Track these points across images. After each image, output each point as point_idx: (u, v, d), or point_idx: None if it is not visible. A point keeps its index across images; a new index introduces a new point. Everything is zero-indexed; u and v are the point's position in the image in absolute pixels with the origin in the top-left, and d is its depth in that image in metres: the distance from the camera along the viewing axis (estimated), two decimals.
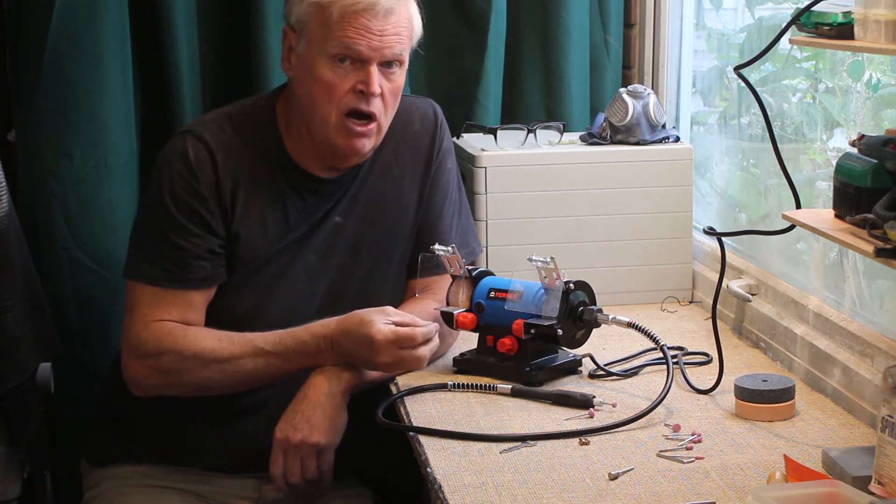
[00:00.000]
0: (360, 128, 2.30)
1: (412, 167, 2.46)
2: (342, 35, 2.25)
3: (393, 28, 2.27)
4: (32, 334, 2.42)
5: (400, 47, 2.29)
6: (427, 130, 2.48)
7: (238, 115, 2.38)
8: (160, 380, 2.30)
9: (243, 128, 2.36)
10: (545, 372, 2.35)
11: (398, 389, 2.32)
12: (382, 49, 2.26)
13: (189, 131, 2.35)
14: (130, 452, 2.42)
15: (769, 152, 2.22)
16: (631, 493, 1.88)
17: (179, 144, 2.33)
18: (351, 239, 2.41)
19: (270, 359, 2.28)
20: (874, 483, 1.78)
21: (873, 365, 2.14)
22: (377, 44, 2.25)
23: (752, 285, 2.60)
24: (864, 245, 1.74)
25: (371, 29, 2.25)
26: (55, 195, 2.80)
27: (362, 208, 2.42)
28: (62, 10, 2.73)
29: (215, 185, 2.32)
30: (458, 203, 2.55)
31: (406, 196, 2.46)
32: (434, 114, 2.51)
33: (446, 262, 2.41)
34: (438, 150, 2.49)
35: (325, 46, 2.26)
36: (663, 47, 3.09)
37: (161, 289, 2.30)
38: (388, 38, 2.26)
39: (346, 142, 2.31)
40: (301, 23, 2.29)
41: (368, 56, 2.26)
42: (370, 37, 2.25)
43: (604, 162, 2.80)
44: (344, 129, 2.29)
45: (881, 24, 1.72)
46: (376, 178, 2.43)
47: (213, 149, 2.32)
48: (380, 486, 2.54)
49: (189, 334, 2.29)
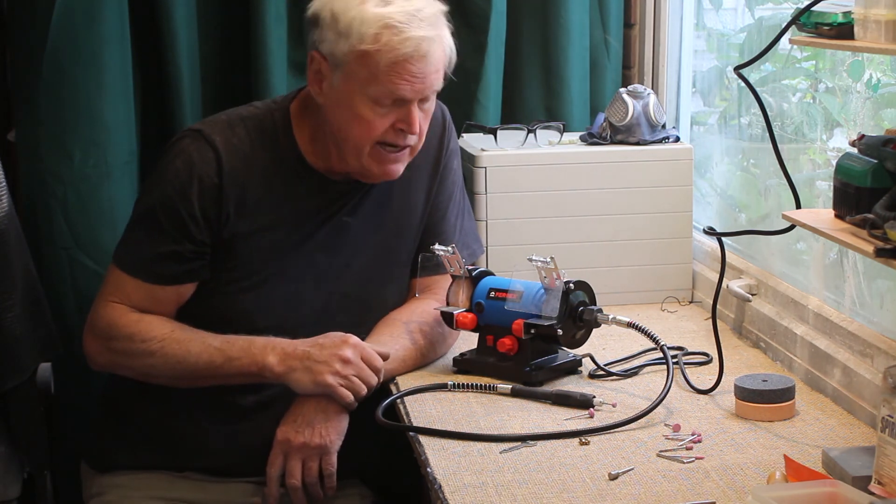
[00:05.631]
0: (394, 154, 2.31)
1: (421, 169, 2.47)
2: (387, 82, 2.23)
3: (433, 67, 2.26)
4: (32, 334, 2.42)
5: (438, 83, 2.30)
6: (435, 131, 2.48)
7: (251, 117, 2.38)
8: (110, 359, 2.35)
9: (256, 130, 2.36)
10: (545, 372, 2.35)
11: (398, 389, 2.32)
12: (425, 90, 2.27)
13: (199, 131, 2.35)
14: (132, 458, 2.41)
15: (769, 152, 2.21)
16: (631, 493, 1.88)
17: (186, 144, 2.33)
18: (358, 238, 2.41)
19: (213, 354, 2.28)
20: (874, 483, 1.78)
21: (873, 365, 2.14)
22: (420, 86, 2.25)
23: (752, 285, 2.60)
24: (864, 245, 1.74)
25: (414, 73, 2.24)
26: (55, 195, 2.80)
27: (371, 208, 2.42)
28: (62, 10, 2.73)
29: (215, 188, 2.31)
30: (462, 204, 2.55)
31: (414, 196, 2.47)
32: (442, 115, 2.51)
33: (446, 262, 2.41)
34: (446, 151, 2.50)
35: (368, 89, 2.24)
36: (663, 47, 3.09)
37: (127, 275, 2.34)
38: (430, 77, 2.26)
39: (379, 168, 2.32)
40: (338, 58, 2.26)
41: (411, 98, 2.26)
42: (413, 80, 2.24)
43: (604, 162, 2.80)
44: (378, 156, 2.30)
45: (881, 24, 1.72)
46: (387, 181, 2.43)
47: (220, 151, 2.32)
48: (380, 487, 2.54)
49: (143, 320, 2.32)
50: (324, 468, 2.27)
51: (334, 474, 2.28)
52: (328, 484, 2.28)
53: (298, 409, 2.27)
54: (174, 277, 2.34)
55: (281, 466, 2.27)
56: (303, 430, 2.26)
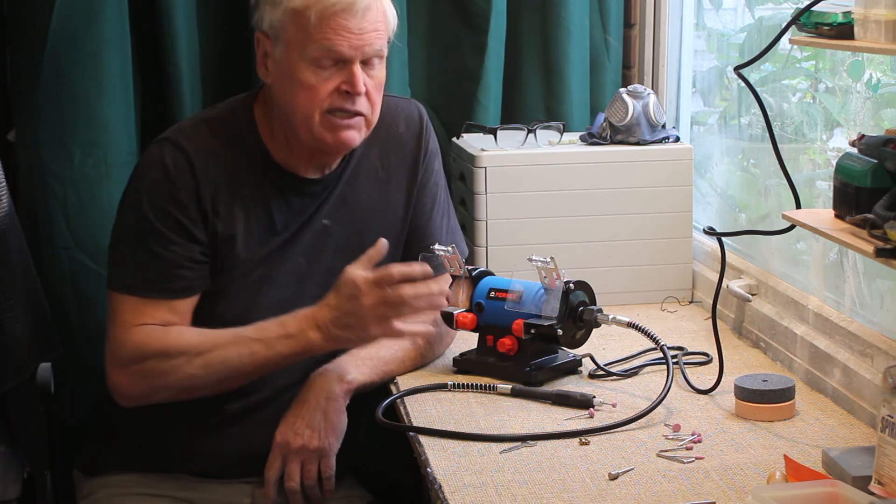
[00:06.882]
0: (345, 121, 2.27)
1: (398, 169, 2.44)
2: (322, 38, 2.22)
3: (371, 25, 2.24)
4: (32, 334, 2.42)
5: (380, 43, 2.26)
6: (412, 132, 2.46)
7: (215, 119, 2.35)
8: (146, 385, 2.25)
9: (222, 132, 2.33)
10: (545, 372, 2.35)
11: (398, 389, 2.32)
12: (363, 47, 2.24)
13: (166, 139, 2.31)
14: (122, 461, 2.39)
15: (769, 152, 2.22)
16: (631, 493, 1.88)
17: (157, 153, 2.29)
18: (338, 241, 2.39)
19: (253, 345, 2.22)
20: (874, 483, 1.78)
21: (873, 365, 2.14)
22: (358, 42, 2.23)
23: (752, 285, 2.60)
24: (864, 245, 1.74)
25: (350, 28, 2.22)
26: (55, 195, 2.80)
27: (349, 211, 2.40)
28: (62, 10, 2.73)
29: (195, 191, 2.27)
30: (446, 205, 2.53)
31: (393, 198, 2.44)
32: (419, 115, 2.48)
33: (446, 262, 2.41)
34: (426, 153, 2.47)
35: (306, 51, 2.23)
36: (663, 47, 3.09)
37: (143, 298, 2.26)
38: (368, 35, 2.24)
39: (333, 136, 2.27)
40: (276, 28, 2.26)
41: (350, 56, 2.23)
42: (350, 37, 2.22)
43: (604, 162, 2.80)
44: (329, 124, 2.26)
45: (881, 24, 1.72)
46: (362, 181, 2.41)
47: (191, 156, 2.28)
48: (380, 487, 2.54)
49: (171, 332, 2.25)
50: (322, 471, 2.26)
51: (333, 477, 2.27)
52: (326, 486, 2.28)
53: (297, 411, 2.27)
54: (187, 289, 2.29)
55: (279, 469, 2.26)
56: (302, 433, 2.25)
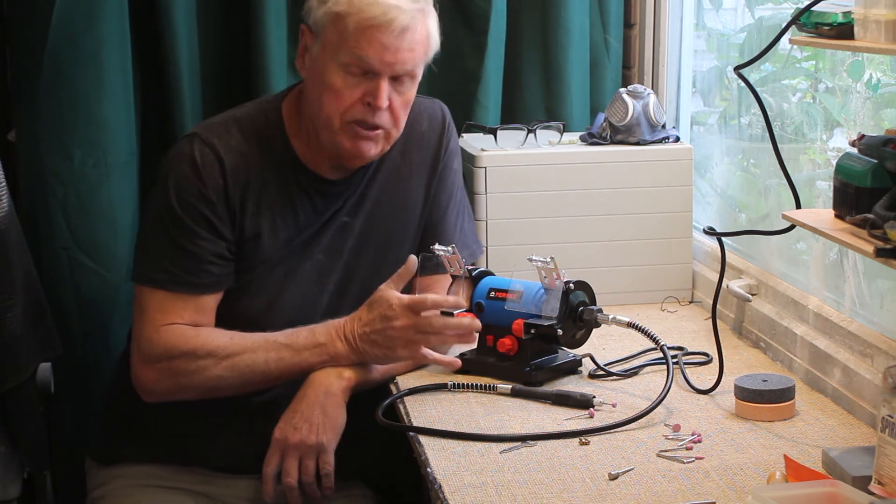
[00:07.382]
0: (365, 131, 2.29)
1: (419, 167, 2.47)
2: (355, 46, 2.23)
3: (407, 45, 2.25)
4: (32, 334, 2.42)
5: (413, 63, 2.28)
6: (435, 130, 2.48)
7: (244, 118, 2.38)
8: (172, 383, 2.29)
9: (250, 131, 2.36)
10: (545, 372, 2.35)
11: (398, 389, 2.32)
12: (394, 65, 2.25)
13: (196, 135, 2.34)
14: (138, 452, 2.41)
15: (769, 152, 2.22)
16: (631, 493, 1.88)
17: (187, 148, 2.33)
18: (358, 238, 2.41)
19: (282, 350, 2.27)
20: (874, 483, 1.78)
21: (873, 365, 2.14)
22: (389, 59, 2.24)
23: (752, 285, 2.60)
24: (864, 245, 1.74)
25: (385, 44, 2.23)
26: (55, 195, 2.80)
27: (370, 207, 2.42)
28: (62, 10, 2.73)
29: (223, 189, 2.31)
30: (462, 205, 2.55)
31: (413, 195, 2.47)
32: (442, 114, 2.51)
33: (446, 262, 2.41)
34: (446, 150, 2.50)
35: (339, 54, 2.25)
36: (663, 47, 3.09)
37: (171, 293, 2.29)
38: (402, 53, 2.25)
39: (351, 144, 2.30)
40: (318, 25, 2.28)
41: (379, 69, 2.25)
42: (383, 52, 2.23)
43: (604, 162, 2.80)
44: (349, 132, 2.29)
45: (881, 24, 1.72)
46: (384, 178, 2.43)
47: (220, 153, 2.31)
48: (380, 487, 2.54)
49: (201, 333, 2.29)
50: (321, 467, 2.26)
51: (331, 474, 2.27)
52: (325, 484, 2.27)
53: (296, 407, 2.27)
54: (214, 284, 2.32)
55: (277, 465, 2.27)
56: (300, 428, 2.25)
